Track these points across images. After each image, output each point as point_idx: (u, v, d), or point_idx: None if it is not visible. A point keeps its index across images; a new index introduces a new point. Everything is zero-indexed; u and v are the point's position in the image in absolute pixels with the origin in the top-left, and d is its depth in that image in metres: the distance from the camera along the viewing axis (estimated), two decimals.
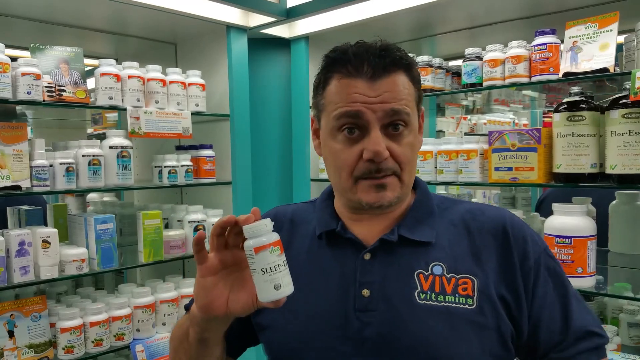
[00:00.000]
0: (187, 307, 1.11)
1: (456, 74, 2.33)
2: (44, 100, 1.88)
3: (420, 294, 0.93)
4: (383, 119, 0.92)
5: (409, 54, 0.99)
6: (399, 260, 0.96)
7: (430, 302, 0.92)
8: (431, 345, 0.90)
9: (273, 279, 0.80)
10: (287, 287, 0.82)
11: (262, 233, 0.81)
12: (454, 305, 0.92)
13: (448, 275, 0.94)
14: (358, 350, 0.92)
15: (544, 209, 2.44)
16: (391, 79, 0.93)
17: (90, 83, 2.11)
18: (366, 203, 0.95)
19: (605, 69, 1.71)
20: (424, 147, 2.21)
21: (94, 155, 1.99)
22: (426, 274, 0.94)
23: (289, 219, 1.11)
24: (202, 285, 0.87)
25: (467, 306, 0.92)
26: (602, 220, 1.95)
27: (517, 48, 1.94)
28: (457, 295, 0.92)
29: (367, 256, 0.97)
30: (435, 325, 0.90)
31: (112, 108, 2.11)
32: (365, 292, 0.94)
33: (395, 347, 0.90)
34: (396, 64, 0.94)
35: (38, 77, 1.83)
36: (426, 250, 0.97)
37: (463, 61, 2.11)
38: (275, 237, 0.82)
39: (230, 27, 2.43)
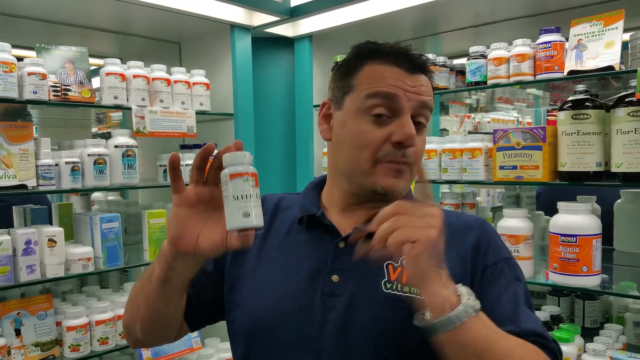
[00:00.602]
0: None
1: (460, 72, 2.32)
2: (49, 100, 1.88)
3: (387, 283, 0.96)
4: (415, 109, 0.97)
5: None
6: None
7: (395, 291, 0.95)
8: (385, 331, 0.92)
9: (243, 207, 0.79)
10: (257, 219, 0.80)
11: (240, 162, 0.81)
12: (418, 297, 0.92)
13: None
14: (320, 333, 0.95)
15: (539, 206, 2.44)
16: (422, 77, 1.00)
17: (95, 82, 2.11)
18: (382, 187, 0.97)
19: (610, 67, 1.71)
20: (428, 146, 2.21)
21: (99, 155, 2.00)
22: (396, 265, 0.97)
23: (275, 203, 1.14)
24: (176, 215, 0.86)
25: None
26: (607, 219, 1.95)
27: (521, 46, 1.94)
28: None
29: (342, 244, 1.00)
30: (395, 313, 0.92)
31: (117, 107, 2.12)
32: (335, 278, 0.97)
33: (352, 331, 0.92)
34: (426, 67, 1.01)
35: (44, 76, 1.84)
36: None
37: (467, 59, 2.10)
38: (253, 169, 0.81)
39: (234, 27, 2.43)
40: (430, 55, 2.21)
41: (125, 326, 1.10)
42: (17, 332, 1.86)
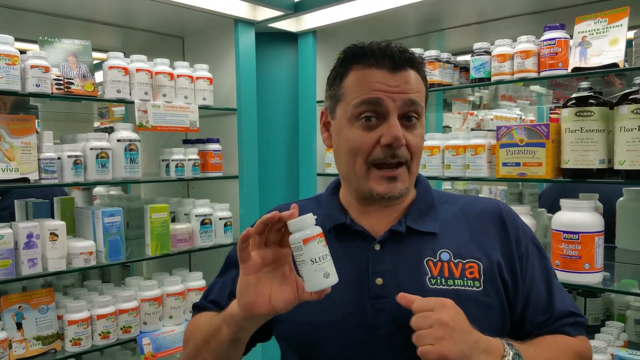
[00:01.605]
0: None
1: (464, 69, 2.32)
2: (52, 93, 1.88)
3: (431, 279, 0.99)
4: (401, 108, 0.99)
5: (417, 52, 1.04)
6: (408, 249, 1.02)
7: (440, 286, 0.98)
8: None
9: (322, 268, 0.84)
10: (334, 276, 0.85)
11: (308, 226, 0.85)
12: (462, 288, 0.98)
13: (455, 261, 1.01)
14: (372, 336, 0.97)
15: (541, 206, 2.44)
16: (408, 73, 1.00)
17: (98, 76, 2.11)
18: (377, 193, 1.01)
19: (614, 64, 1.70)
20: (431, 142, 2.20)
21: (101, 148, 1.99)
22: (435, 260, 1.01)
23: None
24: (247, 283, 0.88)
25: (474, 288, 0.99)
26: (608, 217, 1.94)
27: (526, 43, 1.93)
28: (465, 278, 0.99)
29: (377, 247, 1.02)
30: None
31: (120, 101, 2.12)
32: (379, 281, 1.00)
33: (407, 329, 0.92)
34: (412, 60, 1.01)
35: (47, 69, 1.83)
36: (432, 240, 1.03)
37: (471, 56, 2.10)
38: (319, 229, 0.86)
39: (238, 21, 2.43)
40: (434, 52, 2.21)
41: None
42: (19, 326, 1.86)
